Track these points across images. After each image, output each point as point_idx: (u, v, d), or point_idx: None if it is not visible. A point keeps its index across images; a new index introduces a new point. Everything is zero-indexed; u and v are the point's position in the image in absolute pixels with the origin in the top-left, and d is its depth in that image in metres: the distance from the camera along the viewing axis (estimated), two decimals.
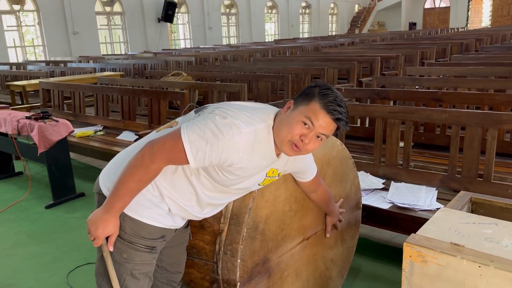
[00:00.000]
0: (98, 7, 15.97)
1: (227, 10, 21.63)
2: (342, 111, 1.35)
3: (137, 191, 1.41)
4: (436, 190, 2.60)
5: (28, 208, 3.82)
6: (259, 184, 1.55)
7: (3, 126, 4.04)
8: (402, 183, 2.74)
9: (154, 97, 4.34)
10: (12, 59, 13.85)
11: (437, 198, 2.50)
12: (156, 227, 1.50)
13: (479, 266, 1.27)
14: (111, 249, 1.47)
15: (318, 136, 1.38)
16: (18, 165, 4.77)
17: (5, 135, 4.20)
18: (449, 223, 1.52)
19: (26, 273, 2.77)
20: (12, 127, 3.88)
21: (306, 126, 1.36)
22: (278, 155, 1.47)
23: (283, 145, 1.39)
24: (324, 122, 1.35)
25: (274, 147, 1.42)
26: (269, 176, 1.54)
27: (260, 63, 7.31)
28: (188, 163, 1.35)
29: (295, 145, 1.38)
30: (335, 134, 1.47)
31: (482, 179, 2.53)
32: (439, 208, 2.04)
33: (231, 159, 1.35)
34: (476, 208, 1.83)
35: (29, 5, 14.22)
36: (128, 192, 1.39)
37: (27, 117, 3.87)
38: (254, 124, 1.37)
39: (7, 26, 13.99)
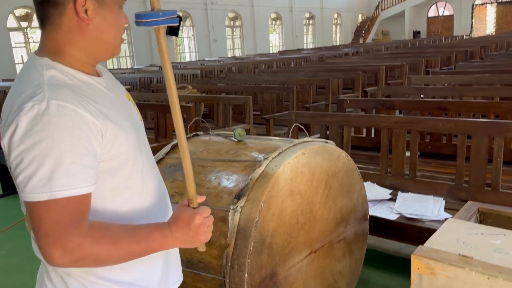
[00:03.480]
0: None
1: (232, 22, 21.84)
2: None
3: (136, 255, 1.03)
4: (443, 200, 2.59)
5: None
6: (141, 120, 1.25)
7: None
8: (409, 193, 2.72)
9: (160, 111, 4.36)
10: None
11: (445, 208, 2.49)
12: None
13: (488, 278, 1.26)
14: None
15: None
16: None
17: None
18: (457, 234, 1.51)
19: None
20: None
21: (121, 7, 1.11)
22: (94, 74, 1.10)
23: (116, 48, 1.11)
24: None
25: (82, 73, 1.05)
26: (134, 103, 1.24)
27: (265, 74, 7.34)
28: (86, 197, 0.97)
29: None
30: (341, 146, 1.42)
31: (490, 188, 2.52)
32: (447, 218, 2.03)
33: (86, 132, 0.94)
34: (484, 218, 1.82)
35: (36, 22, 14.43)
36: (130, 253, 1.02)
37: None
38: (44, 95, 0.93)
39: (15, 43, 14.23)
